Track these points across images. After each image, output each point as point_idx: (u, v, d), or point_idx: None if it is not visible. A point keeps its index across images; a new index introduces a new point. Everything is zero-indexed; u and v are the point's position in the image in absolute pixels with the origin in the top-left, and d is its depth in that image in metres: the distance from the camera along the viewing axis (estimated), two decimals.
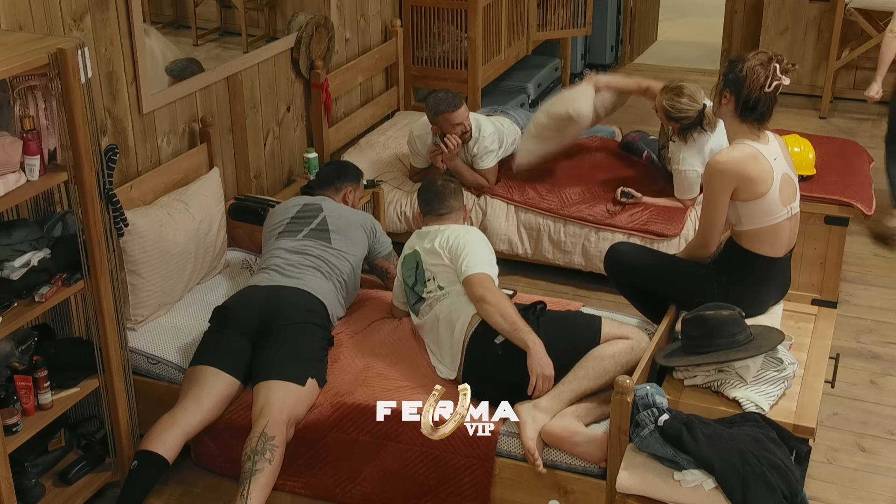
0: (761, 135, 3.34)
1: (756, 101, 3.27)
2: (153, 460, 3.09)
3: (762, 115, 3.30)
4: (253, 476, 3.01)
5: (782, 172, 3.32)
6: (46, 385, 2.98)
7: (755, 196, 3.27)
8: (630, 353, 3.22)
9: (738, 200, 3.29)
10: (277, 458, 3.08)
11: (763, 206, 3.28)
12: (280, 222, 3.82)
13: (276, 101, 4.70)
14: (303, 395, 3.26)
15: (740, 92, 3.27)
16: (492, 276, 3.37)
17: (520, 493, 3.18)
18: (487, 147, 4.74)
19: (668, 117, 4.43)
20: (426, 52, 5.82)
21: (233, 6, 4.51)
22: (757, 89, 3.25)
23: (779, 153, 3.35)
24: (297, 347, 3.33)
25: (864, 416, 3.78)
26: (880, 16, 6.60)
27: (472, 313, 3.31)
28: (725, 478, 2.75)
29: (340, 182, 4.05)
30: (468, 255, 3.38)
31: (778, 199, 3.29)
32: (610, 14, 7.53)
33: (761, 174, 3.26)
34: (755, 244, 3.36)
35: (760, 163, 3.26)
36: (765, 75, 3.24)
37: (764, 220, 3.31)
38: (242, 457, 3.07)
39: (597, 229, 4.58)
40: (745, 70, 3.26)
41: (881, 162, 5.24)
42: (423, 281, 3.50)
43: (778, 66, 3.24)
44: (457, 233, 3.50)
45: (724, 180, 3.27)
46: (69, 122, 2.82)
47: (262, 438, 3.07)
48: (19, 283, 2.86)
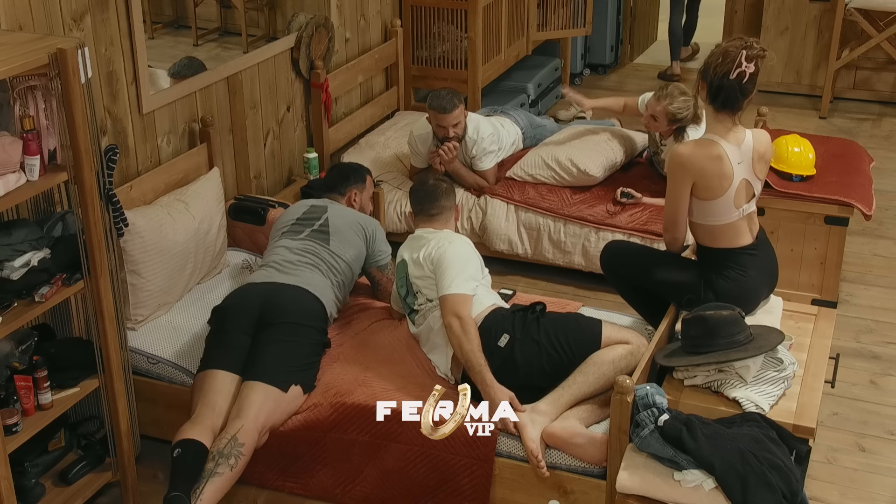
0: (735, 131, 3.27)
1: (719, 88, 3.20)
2: (194, 446, 3.07)
3: (726, 103, 3.22)
4: (211, 478, 3.00)
5: (742, 177, 3.27)
6: (46, 385, 2.98)
7: (710, 196, 3.26)
8: (629, 358, 3.22)
9: (694, 196, 3.29)
10: (240, 466, 3.06)
11: (717, 207, 3.28)
12: (286, 223, 3.84)
13: (276, 101, 4.70)
14: (283, 401, 3.25)
15: (707, 77, 3.23)
16: (467, 294, 3.32)
17: (520, 493, 3.18)
18: (486, 148, 4.74)
19: (674, 120, 4.45)
20: (426, 52, 5.82)
21: (233, 6, 4.51)
22: (719, 76, 3.19)
23: (747, 157, 3.29)
24: (287, 351, 3.32)
25: (864, 416, 3.78)
26: (880, 16, 6.61)
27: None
28: (725, 478, 2.75)
29: (344, 187, 4.07)
30: (446, 272, 3.35)
31: (731, 204, 3.27)
32: (610, 14, 7.53)
33: (719, 178, 3.23)
34: (713, 240, 3.36)
35: (721, 164, 3.22)
36: (728, 60, 3.17)
37: (719, 219, 3.31)
38: (208, 453, 3.06)
39: (597, 229, 4.58)
40: (713, 54, 3.23)
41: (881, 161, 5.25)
42: (412, 293, 3.51)
43: (745, 52, 3.15)
44: (440, 244, 3.46)
45: (683, 172, 3.25)
46: (69, 122, 2.81)
47: (231, 442, 3.06)
48: (19, 283, 2.85)
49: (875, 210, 4.46)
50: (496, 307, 3.40)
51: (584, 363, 3.21)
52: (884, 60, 6.84)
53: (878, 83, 6.97)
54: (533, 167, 4.76)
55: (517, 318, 3.33)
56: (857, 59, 6.83)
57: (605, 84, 7.58)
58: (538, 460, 3.08)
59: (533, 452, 3.08)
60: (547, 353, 3.24)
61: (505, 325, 3.30)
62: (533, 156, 4.82)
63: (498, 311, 3.38)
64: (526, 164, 4.80)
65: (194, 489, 2.98)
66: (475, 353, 3.20)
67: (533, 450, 3.08)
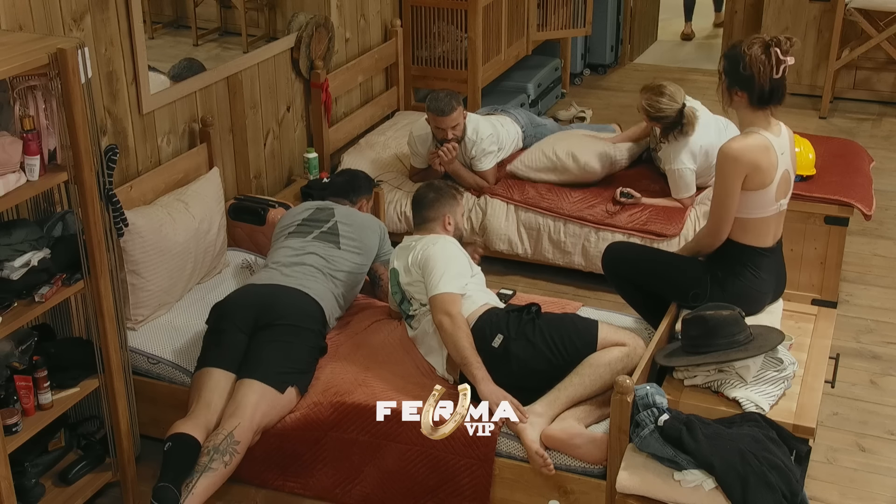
0: (773, 123, 3.33)
1: (771, 90, 3.26)
2: (186, 440, 3.08)
3: (778, 98, 3.29)
4: (204, 472, 3.01)
5: (784, 168, 3.32)
6: (46, 385, 2.98)
7: (757, 187, 3.27)
8: (626, 361, 3.22)
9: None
10: (233, 464, 3.07)
11: (760, 198, 3.28)
12: (291, 223, 3.84)
13: (276, 101, 4.70)
14: (279, 402, 3.25)
15: (752, 86, 3.25)
16: (455, 293, 3.32)
17: (520, 493, 3.18)
18: (485, 149, 4.74)
19: (649, 117, 4.48)
20: (426, 52, 5.82)
21: (233, 6, 4.51)
22: (767, 79, 3.24)
23: (787, 148, 3.35)
24: (285, 351, 3.33)
25: (864, 416, 3.78)
26: (880, 16, 6.61)
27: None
28: (725, 478, 2.75)
29: (356, 195, 4.11)
30: (432, 272, 3.35)
31: (773, 196, 3.30)
32: (610, 14, 7.53)
33: (769, 166, 3.26)
34: (741, 234, 3.36)
35: (770, 155, 3.26)
36: (770, 64, 3.22)
37: (755, 212, 3.31)
38: (203, 448, 3.07)
39: (597, 229, 4.58)
40: (749, 65, 3.24)
41: (881, 161, 5.25)
42: (407, 300, 3.51)
43: (779, 51, 3.22)
44: (425, 246, 3.45)
45: (737, 166, 3.25)
46: (69, 122, 2.81)
47: (227, 439, 3.07)
48: (19, 283, 2.85)
49: (875, 210, 4.47)
50: (490, 307, 3.39)
51: (580, 365, 3.21)
52: (884, 60, 6.84)
53: (878, 83, 6.97)
54: (534, 162, 4.76)
55: (512, 318, 3.32)
56: (857, 59, 6.83)
57: (605, 84, 7.58)
58: (543, 459, 3.07)
59: (538, 452, 3.07)
60: (542, 354, 3.24)
61: (499, 324, 3.30)
62: (533, 150, 4.83)
63: (492, 310, 3.37)
64: (526, 158, 4.80)
65: (186, 482, 2.98)
66: (468, 350, 3.20)
67: (537, 450, 3.08)
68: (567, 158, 4.68)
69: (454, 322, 3.24)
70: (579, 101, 7.08)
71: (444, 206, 3.60)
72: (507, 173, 4.84)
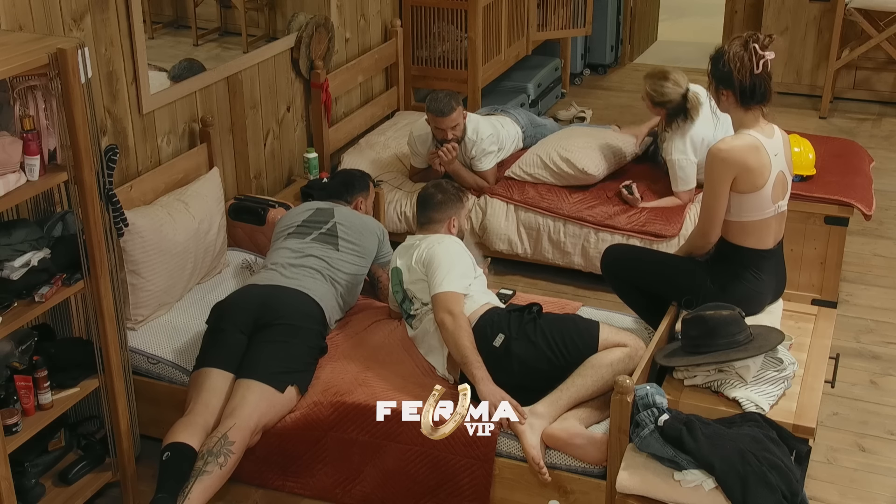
0: (766, 124, 3.32)
1: (752, 87, 3.25)
2: (182, 449, 3.07)
3: (763, 96, 3.28)
4: (199, 476, 3.00)
5: (779, 170, 3.31)
6: (46, 385, 2.98)
7: (750, 189, 3.26)
8: (627, 361, 3.22)
9: (732, 191, 3.29)
10: (230, 465, 3.05)
11: (755, 200, 3.28)
12: (290, 224, 3.84)
13: (276, 101, 4.70)
14: (278, 401, 3.25)
15: (734, 83, 3.26)
16: (458, 292, 3.31)
17: (520, 493, 3.18)
18: (485, 149, 4.74)
19: (654, 102, 4.47)
20: (426, 52, 5.82)
21: (233, 6, 4.51)
22: (747, 75, 3.24)
23: (780, 149, 3.34)
24: (285, 351, 3.32)
25: (864, 416, 3.78)
26: (880, 16, 6.61)
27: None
28: (725, 478, 2.75)
29: (350, 194, 4.07)
30: (436, 271, 3.35)
31: (769, 196, 3.29)
32: (610, 14, 7.53)
33: (760, 167, 3.25)
34: (741, 237, 3.36)
35: (761, 155, 3.26)
36: (748, 58, 3.23)
37: (752, 215, 3.31)
38: (199, 452, 3.06)
39: (596, 230, 4.58)
40: (728, 61, 3.26)
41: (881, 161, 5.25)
42: (408, 300, 3.51)
43: (757, 46, 3.22)
44: (430, 245, 3.45)
45: (725, 168, 3.25)
46: (69, 122, 2.81)
47: (221, 441, 3.06)
48: (19, 283, 2.85)
49: (875, 210, 4.47)
50: (492, 307, 3.39)
51: (581, 366, 3.21)
52: (884, 60, 6.84)
53: (878, 83, 6.97)
54: (531, 166, 4.76)
55: (513, 317, 3.33)
56: (857, 59, 6.83)
57: (605, 84, 7.58)
58: (539, 466, 3.07)
59: (535, 460, 3.08)
60: (543, 354, 3.24)
61: (501, 324, 3.30)
62: (531, 155, 4.82)
63: (493, 310, 3.37)
64: (524, 163, 4.80)
65: (182, 488, 2.97)
66: (468, 349, 3.20)
67: (534, 457, 3.08)
68: (565, 163, 4.68)
69: (456, 321, 3.24)
70: (579, 101, 7.08)
71: (450, 209, 3.60)
72: (505, 177, 4.84)
